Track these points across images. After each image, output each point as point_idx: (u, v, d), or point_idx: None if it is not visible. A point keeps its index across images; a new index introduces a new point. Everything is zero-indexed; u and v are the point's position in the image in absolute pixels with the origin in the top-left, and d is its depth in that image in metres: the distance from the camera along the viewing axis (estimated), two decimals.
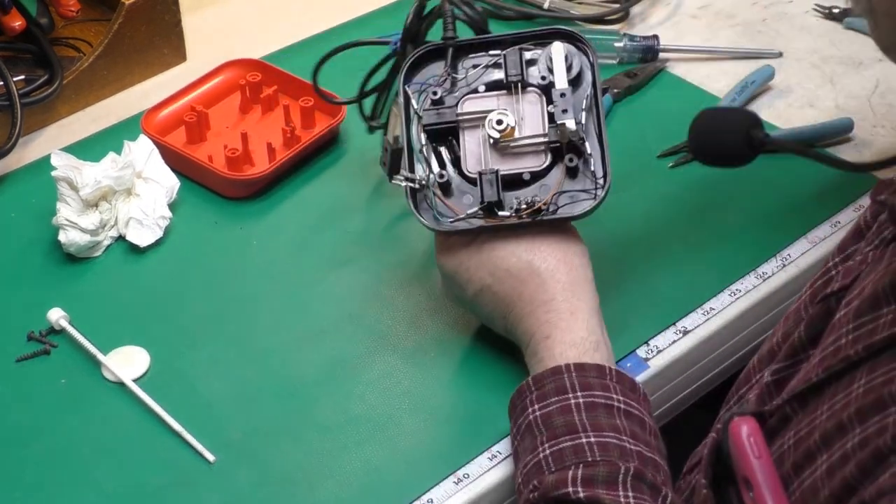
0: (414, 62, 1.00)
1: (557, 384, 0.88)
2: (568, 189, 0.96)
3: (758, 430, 0.77)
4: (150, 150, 1.13)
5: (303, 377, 1.00)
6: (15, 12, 1.22)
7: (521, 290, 0.94)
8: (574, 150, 0.96)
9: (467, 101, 0.99)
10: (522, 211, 0.95)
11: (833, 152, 1.20)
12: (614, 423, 0.87)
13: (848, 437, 0.72)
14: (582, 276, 0.95)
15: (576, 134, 0.95)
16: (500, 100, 0.98)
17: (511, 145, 0.97)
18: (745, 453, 0.76)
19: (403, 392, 0.99)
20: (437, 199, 0.97)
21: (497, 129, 0.96)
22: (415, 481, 0.92)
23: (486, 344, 1.02)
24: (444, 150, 0.98)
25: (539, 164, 0.96)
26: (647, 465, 0.85)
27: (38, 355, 1.01)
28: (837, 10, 1.38)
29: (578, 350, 0.91)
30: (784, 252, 1.10)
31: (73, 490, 0.92)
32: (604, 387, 0.89)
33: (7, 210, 1.15)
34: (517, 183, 0.96)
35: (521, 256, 0.94)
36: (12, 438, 0.95)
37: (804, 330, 0.87)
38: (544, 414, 0.88)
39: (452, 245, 0.97)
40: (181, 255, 1.11)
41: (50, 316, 1.02)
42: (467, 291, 0.97)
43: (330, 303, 1.06)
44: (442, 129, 0.98)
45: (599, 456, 0.84)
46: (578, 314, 0.92)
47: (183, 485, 0.92)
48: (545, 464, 0.85)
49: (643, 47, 1.31)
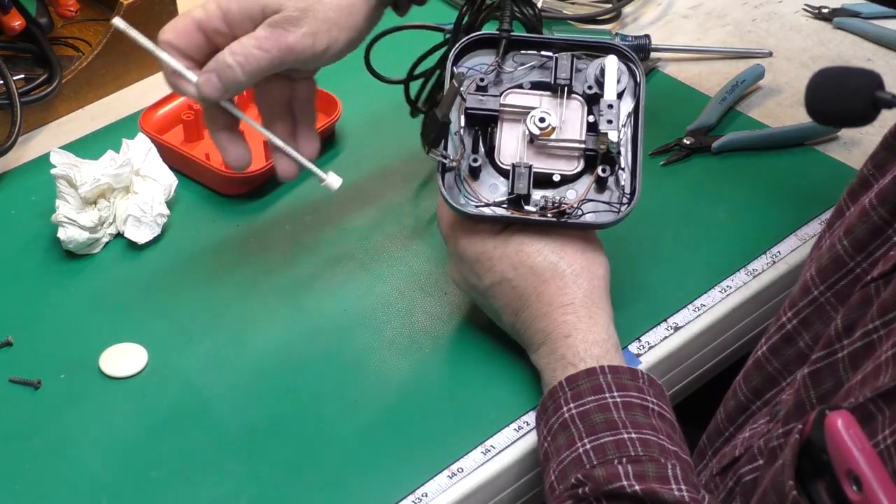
0: (465, 48, 1.01)
1: (593, 384, 0.89)
2: (594, 198, 0.97)
3: (855, 424, 0.74)
4: (149, 148, 1.14)
5: (299, 373, 1.00)
6: (14, 12, 1.22)
7: (541, 290, 0.94)
8: (608, 162, 0.97)
9: (511, 95, 0.99)
10: (548, 210, 0.96)
11: (821, 151, 1.21)
12: (651, 422, 0.87)
13: None
14: (602, 286, 0.96)
15: (616, 146, 0.96)
16: (544, 100, 0.99)
17: (548, 145, 0.97)
18: (846, 445, 0.73)
19: (397, 387, 0.99)
20: (466, 182, 0.97)
21: (539, 126, 0.97)
22: (409, 476, 0.93)
23: (481, 340, 1.03)
24: (480, 137, 0.99)
25: (571, 168, 0.97)
26: (685, 466, 0.85)
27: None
28: (827, 10, 1.39)
29: (602, 348, 0.92)
30: (774, 249, 1.11)
31: (71, 484, 0.92)
32: (638, 389, 0.89)
33: (7, 207, 1.16)
34: (546, 183, 0.97)
35: (547, 256, 0.95)
36: (11, 433, 0.96)
37: (841, 321, 0.86)
38: (581, 412, 0.88)
39: (480, 231, 0.97)
40: (179, 253, 1.12)
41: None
42: (484, 280, 0.97)
43: (326, 299, 1.07)
44: (481, 116, 0.98)
45: (642, 452, 0.84)
46: (598, 319, 0.93)
47: (180, 480, 0.93)
48: (586, 458, 0.85)
49: (635, 47, 1.31)
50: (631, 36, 1.32)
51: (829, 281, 0.92)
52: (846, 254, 0.90)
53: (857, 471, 0.72)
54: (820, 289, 0.92)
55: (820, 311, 0.92)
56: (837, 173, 1.19)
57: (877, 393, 0.79)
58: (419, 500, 0.91)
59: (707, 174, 1.19)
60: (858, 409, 0.79)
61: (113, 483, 0.92)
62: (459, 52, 1.00)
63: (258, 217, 1.15)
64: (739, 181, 1.18)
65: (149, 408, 0.98)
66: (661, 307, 1.06)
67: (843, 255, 0.90)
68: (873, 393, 0.79)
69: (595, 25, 1.37)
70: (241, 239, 1.13)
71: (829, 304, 0.92)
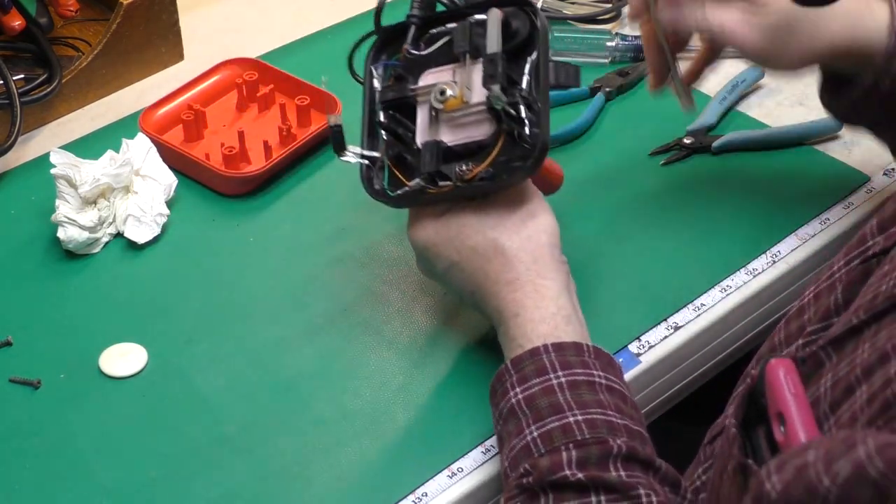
0: (388, 43, 1.00)
1: (537, 365, 0.88)
2: (513, 156, 0.93)
3: (794, 370, 0.75)
4: (148, 147, 1.14)
5: (298, 372, 1.01)
6: (14, 12, 1.22)
7: (486, 269, 0.93)
8: (513, 118, 0.92)
9: (427, 76, 0.97)
10: (458, 180, 0.93)
11: (821, 151, 1.21)
12: (598, 398, 0.86)
13: (891, 364, 0.71)
14: (547, 254, 0.93)
15: (500, 99, 0.91)
16: (457, 71, 0.96)
17: (455, 116, 0.95)
18: (780, 389, 0.74)
19: (398, 387, 0.99)
20: (394, 172, 0.96)
21: (440, 100, 0.94)
22: (409, 475, 0.93)
23: (479, 339, 1.03)
24: (408, 126, 0.97)
25: (484, 133, 0.94)
26: (636, 439, 0.85)
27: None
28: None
29: (549, 325, 0.90)
30: (774, 249, 1.11)
31: (71, 484, 0.92)
32: (583, 364, 0.88)
33: (7, 207, 1.16)
34: (467, 155, 0.94)
35: (486, 234, 0.93)
36: (11, 433, 0.96)
37: (841, 293, 0.86)
38: (527, 396, 0.87)
39: (422, 218, 0.96)
40: (178, 252, 1.12)
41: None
42: (437, 267, 0.96)
43: (325, 299, 1.07)
44: (398, 105, 0.97)
45: (589, 434, 0.83)
46: (545, 291, 0.91)
47: (180, 479, 0.93)
48: (534, 446, 0.84)
49: (635, 46, 1.32)
50: (631, 35, 1.32)
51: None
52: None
53: (784, 411, 0.73)
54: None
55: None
56: (837, 173, 1.19)
57: (827, 340, 0.80)
58: (419, 499, 0.91)
59: (707, 174, 1.19)
60: (811, 358, 0.81)
61: (113, 483, 0.92)
62: (381, 49, 1.00)
63: (257, 217, 1.16)
64: (739, 181, 1.18)
65: (149, 408, 0.98)
66: (661, 307, 1.06)
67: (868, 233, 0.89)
68: (825, 340, 0.80)
69: (595, 25, 1.37)
70: (241, 239, 1.13)
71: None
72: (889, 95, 0.98)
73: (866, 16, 0.98)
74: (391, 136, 0.98)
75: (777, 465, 0.67)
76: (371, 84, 0.99)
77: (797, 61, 1.00)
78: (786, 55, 0.99)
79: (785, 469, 0.66)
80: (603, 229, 1.12)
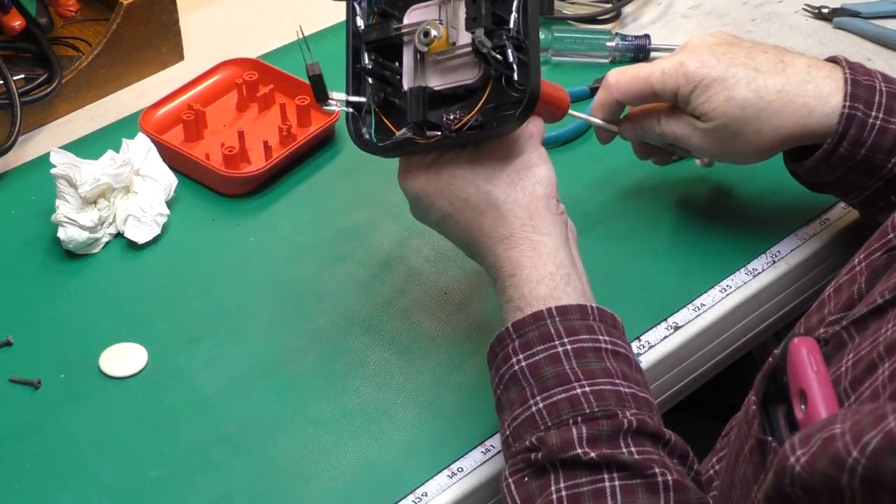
0: None
1: (542, 331, 0.86)
2: (503, 101, 0.88)
3: (817, 348, 0.75)
4: (148, 148, 1.14)
5: (298, 372, 1.01)
6: (14, 12, 1.22)
7: (480, 223, 0.90)
8: (500, 62, 0.87)
9: (413, 12, 0.91)
10: (447, 129, 0.88)
11: None
12: (605, 366, 0.85)
13: None
14: (543, 206, 0.90)
15: (485, 43, 0.86)
16: (443, 9, 0.90)
17: (441, 59, 0.89)
18: (803, 367, 0.74)
19: (398, 386, 1.00)
20: (382, 119, 0.91)
21: (424, 42, 0.89)
22: (409, 475, 0.93)
23: (480, 338, 1.02)
24: (394, 69, 0.92)
25: (472, 76, 0.89)
26: (643, 408, 0.84)
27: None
28: (827, 9, 1.39)
29: (548, 286, 0.88)
30: (774, 249, 1.11)
31: (71, 484, 0.92)
32: (589, 328, 0.86)
33: (7, 207, 1.16)
34: (456, 99, 0.90)
35: (479, 186, 0.90)
36: (11, 433, 0.96)
37: (864, 282, 0.86)
38: (531, 364, 0.85)
39: (413, 167, 0.93)
40: (179, 252, 1.12)
41: None
42: (430, 217, 0.94)
43: (325, 298, 1.07)
44: (384, 46, 0.92)
45: (597, 407, 0.82)
46: (542, 248, 0.89)
47: (180, 479, 0.93)
48: (540, 418, 0.83)
49: (635, 46, 1.32)
50: (631, 36, 1.32)
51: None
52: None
53: (806, 389, 0.73)
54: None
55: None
56: None
57: (851, 320, 0.80)
58: (419, 499, 0.92)
59: (707, 174, 1.18)
60: (834, 338, 0.81)
61: (113, 483, 0.93)
62: None
63: (258, 217, 1.16)
64: (739, 181, 1.18)
65: (149, 408, 0.98)
66: (662, 307, 1.06)
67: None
68: (848, 321, 0.80)
69: (595, 25, 1.37)
70: (241, 239, 1.13)
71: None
72: (848, 158, 1.00)
73: (816, 109, 0.99)
74: (377, 80, 0.93)
75: (802, 439, 0.66)
76: (354, 22, 0.93)
77: (752, 156, 1.03)
78: (738, 154, 1.03)
79: (811, 442, 0.65)
80: (603, 229, 1.12)
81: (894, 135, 0.99)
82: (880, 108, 0.98)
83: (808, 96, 0.99)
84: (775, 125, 1.00)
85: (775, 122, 1.00)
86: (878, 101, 0.99)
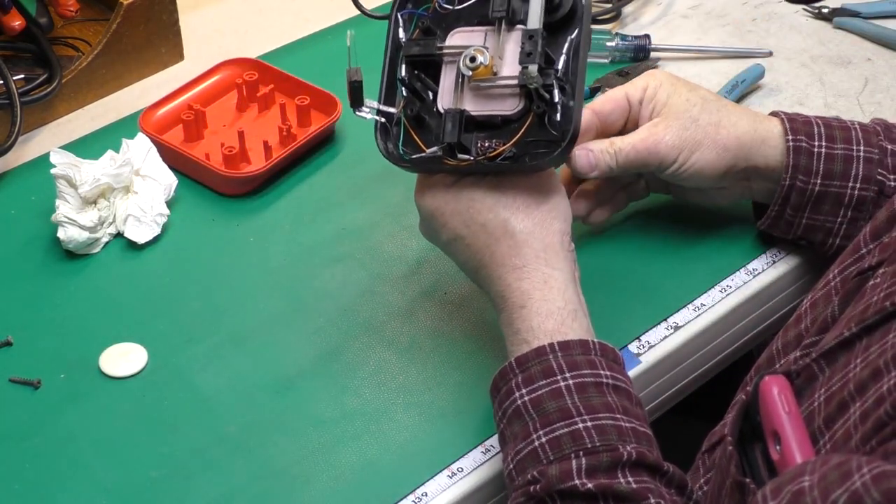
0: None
1: (544, 366, 0.87)
2: (539, 139, 0.90)
3: (788, 387, 0.76)
4: (148, 148, 1.14)
5: (298, 372, 1.01)
6: (14, 12, 1.22)
7: (493, 249, 0.91)
8: (544, 99, 0.89)
9: (456, 35, 0.93)
10: (481, 156, 0.90)
11: None
12: (606, 400, 0.86)
13: (883, 381, 0.72)
14: (557, 242, 0.92)
15: (535, 80, 0.87)
16: (489, 36, 0.91)
17: (482, 85, 0.91)
18: (775, 408, 0.75)
19: (398, 387, 1.00)
20: (410, 132, 0.92)
21: (469, 67, 0.90)
22: (409, 475, 0.93)
23: (479, 338, 1.03)
24: (430, 85, 0.94)
25: (511, 108, 0.90)
26: (643, 442, 0.85)
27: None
28: (827, 9, 1.39)
29: (556, 321, 0.89)
30: (774, 249, 1.11)
31: (71, 484, 0.93)
32: (590, 363, 0.87)
33: (7, 207, 1.16)
34: (490, 126, 0.91)
35: (498, 213, 0.91)
36: (11, 433, 0.96)
37: (838, 305, 0.86)
38: (534, 399, 0.86)
39: (433, 185, 0.94)
40: (179, 252, 1.12)
41: None
42: (441, 236, 0.95)
43: (325, 298, 1.07)
44: (423, 62, 0.93)
45: (599, 441, 0.83)
46: (552, 282, 0.90)
47: (180, 479, 0.93)
48: (542, 453, 0.84)
49: (635, 46, 1.32)
50: (631, 36, 1.32)
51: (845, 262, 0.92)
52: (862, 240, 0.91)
53: (779, 430, 0.75)
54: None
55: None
56: None
57: (820, 352, 0.81)
58: (419, 499, 0.92)
59: None
60: (805, 371, 0.82)
61: (113, 483, 0.93)
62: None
63: (258, 217, 1.16)
64: None
65: (149, 408, 0.98)
66: (662, 307, 1.06)
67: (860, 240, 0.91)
68: (818, 353, 0.81)
69: (595, 25, 1.37)
70: (241, 239, 1.13)
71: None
72: (807, 192, 1.02)
73: (763, 129, 1.03)
74: (410, 93, 0.94)
75: (773, 490, 0.68)
76: (396, 34, 0.94)
77: (714, 158, 1.02)
78: (701, 154, 1.01)
79: (781, 495, 0.66)
80: (603, 229, 1.12)
81: (841, 159, 1.01)
82: (821, 138, 1.02)
83: (756, 120, 1.04)
84: (733, 121, 1.02)
85: (733, 117, 1.02)
86: (817, 132, 1.02)
